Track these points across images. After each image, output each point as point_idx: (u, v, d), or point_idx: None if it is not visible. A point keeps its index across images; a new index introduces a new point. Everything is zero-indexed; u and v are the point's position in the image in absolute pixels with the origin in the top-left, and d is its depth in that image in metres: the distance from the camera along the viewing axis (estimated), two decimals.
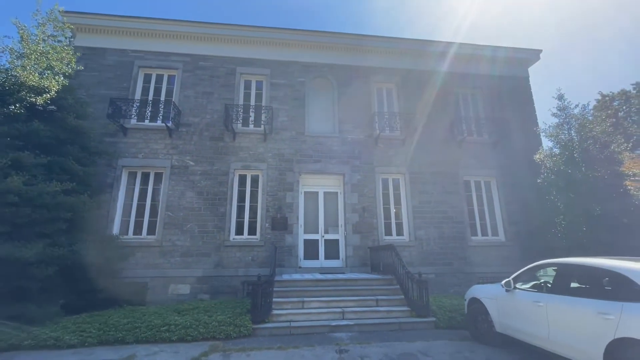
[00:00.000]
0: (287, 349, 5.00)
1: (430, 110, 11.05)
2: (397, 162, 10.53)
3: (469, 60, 11.74)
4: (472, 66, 11.76)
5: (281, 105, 10.56)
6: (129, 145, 9.58)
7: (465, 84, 11.71)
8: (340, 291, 6.98)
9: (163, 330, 5.49)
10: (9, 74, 6.48)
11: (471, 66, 11.75)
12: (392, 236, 10.04)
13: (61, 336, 5.22)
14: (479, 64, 11.82)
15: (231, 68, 10.73)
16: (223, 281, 8.93)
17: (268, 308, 6.10)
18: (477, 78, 11.73)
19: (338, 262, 9.71)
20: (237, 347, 5.07)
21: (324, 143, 10.42)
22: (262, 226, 9.51)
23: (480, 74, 11.75)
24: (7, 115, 6.20)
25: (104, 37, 10.31)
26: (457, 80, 11.62)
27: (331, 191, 10.33)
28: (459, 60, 11.69)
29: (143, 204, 9.47)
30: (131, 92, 10.09)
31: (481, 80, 11.74)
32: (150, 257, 8.87)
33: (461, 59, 11.71)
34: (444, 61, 11.59)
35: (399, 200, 10.42)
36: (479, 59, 11.83)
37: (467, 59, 11.75)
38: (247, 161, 9.96)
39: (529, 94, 11.90)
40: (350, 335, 5.72)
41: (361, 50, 11.39)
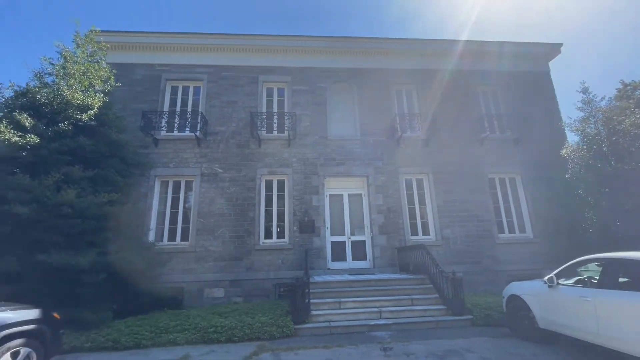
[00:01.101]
0: (331, 348, 5.17)
1: (451, 109, 11.09)
2: (420, 162, 10.61)
3: (488, 58, 11.73)
4: (492, 63, 11.74)
5: (303, 110, 10.80)
6: (160, 155, 9.98)
7: (486, 81, 11.70)
8: (374, 291, 7.12)
9: (210, 331, 5.75)
10: (56, 93, 6.90)
11: (491, 63, 11.73)
12: (418, 236, 10.11)
13: (118, 338, 5.54)
14: (499, 61, 11.78)
15: (253, 77, 11.05)
16: (255, 284, 9.18)
17: (307, 309, 6.30)
18: (497, 75, 11.71)
19: (366, 263, 9.85)
20: (283, 346, 5.27)
21: (346, 146, 10.59)
22: (290, 230, 9.74)
23: (500, 71, 11.72)
24: (57, 132, 6.61)
25: (132, 53, 10.78)
26: (477, 78, 11.63)
27: (355, 193, 10.49)
28: (478, 58, 11.70)
29: (176, 212, 9.85)
30: (160, 104, 10.51)
31: (501, 77, 11.71)
32: (185, 263, 9.21)
33: (480, 57, 11.72)
34: (462, 60, 11.62)
35: (424, 200, 10.49)
36: (498, 56, 11.80)
37: (486, 56, 11.75)
38: (272, 166, 10.23)
39: (551, 88, 11.80)
40: (389, 334, 5.85)
41: (379, 53, 11.54)
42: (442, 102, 11.15)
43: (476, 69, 11.64)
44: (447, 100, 11.19)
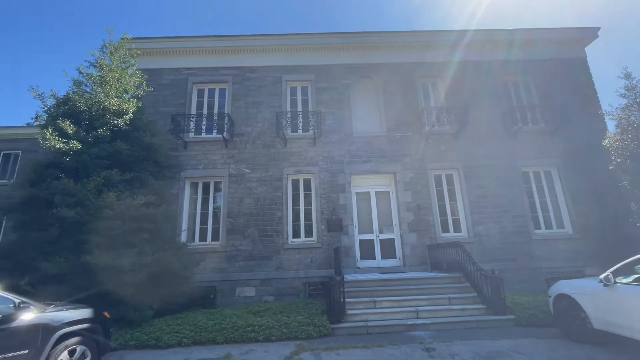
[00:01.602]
0: (372, 348, 5.09)
1: (480, 102, 10.71)
2: (449, 157, 10.32)
3: (518, 47, 11.22)
4: (522, 52, 11.23)
5: (327, 108, 10.73)
6: (189, 157, 10.19)
7: (516, 71, 11.22)
8: (409, 290, 6.98)
9: (248, 330, 5.80)
10: (94, 100, 7.15)
11: (521, 52, 11.23)
12: (450, 233, 9.85)
13: (160, 337, 5.69)
14: (530, 49, 11.26)
15: (277, 76, 11.07)
16: (285, 283, 9.23)
17: (342, 308, 6.24)
18: (528, 64, 11.20)
19: (395, 262, 9.69)
20: (322, 346, 5.24)
21: (372, 143, 10.44)
22: (318, 228, 9.72)
23: (532, 60, 11.20)
24: (96, 138, 6.85)
25: (160, 58, 11.05)
26: (507, 69, 11.17)
27: (382, 190, 10.33)
28: (507, 48, 11.22)
29: (206, 212, 10.04)
30: (187, 107, 10.73)
31: (533, 66, 11.19)
32: (216, 262, 9.37)
33: (509, 46, 11.23)
34: (490, 50, 11.20)
35: (454, 196, 10.20)
36: (529, 44, 11.27)
37: (515, 45, 11.24)
38: (298, 166, 10.23)
39: (588, 75, 11.16)
40: (428, 334, 5.71)
41: (403, 47, 11.29)
42: (470, 94, 10.78)
43: (506, 58, 11.17)
44: (476, 92, 10.81)
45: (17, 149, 12.70)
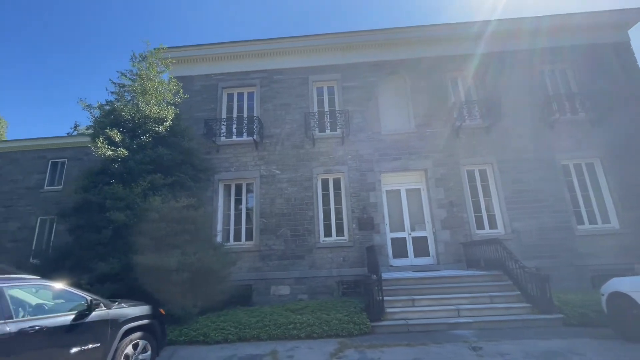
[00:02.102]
0: (415, 346, 5.08)
1: (514, 93, 10.35)
2: (482, 152, 10.04)
3: (554, 34, 10.72)
4: (558, 39, 10.73)
5: (355, 107, 10.72)
6: (221, 160, 10.51)
7: (553, 59, 10.73)
8: (447, 289, 6.88)
9: (290, 328, 5.95)
10: (136, 109, 7.55)
11: (556, 39, 10.73)
12: (485, 230, 9.60)
13: (207, 333, 5.95)
14: (565, 36, 10.74)
15: (303, 77, 11.20)
16: (319, 281, 9.34)
17: (381, 307, 6.25)
18: (565, 51, 10.69)
19: (428, 260, 9.56)
20: (365, 344, 5.29)
21: (401, 140, 10.34)
22: (349, 227, 9.76)
23: (569, 46, 10.68)
24: (140, 144, 7.23)
25: (191, 65, 11.46)
26: (542, 57, 10.70)
27: (413, 188, 10.21)
28: (542, 35, 10.74)
29: (239, 213, 10.34)
30: (218, 112, 11.07)
31: (570, 52, 10.66)
32: (251, 261, 9.63)
33: (541, 34, 10.74)
34: (521, 39, 10.78)
35: (489, 192, 9.92)
36: (563, 30, 10.76)
37: (548, 32, 10.74)
38: (327, 165, 10.30)
39: (633, 60, 10.48)
40: (472, 332, 5.62)
41: (430, 41, 11.08)
42: (503, 86, 10.44)
43: (540, 47, 10.70)
44: (509, 83, 10.45)
45: (63, 157, 13.57)
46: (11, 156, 13.70)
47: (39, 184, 13.29)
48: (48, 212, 12.89)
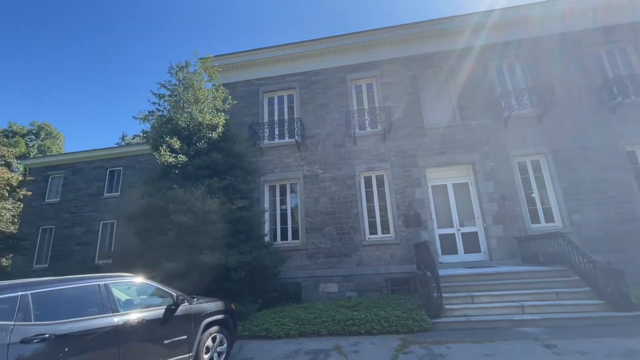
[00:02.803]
0: (482, 343, 4.98)
1: (567, 78, 9.74)
2: (534, 142, 9.55)
3: (610, 11, 9.94)
4: (616, 16, 9.94)
5: (395, 103, 10.61)
6: (266, 162, 10.84)
7: (609, 38, 9.97)
8: (507, 285, 6.65)
9: (349, 324, 6.04)
10: (191, 117, 8.01)
11: (614, 17, 9.94)
12: (541, 224, 9.14)
13: (269, 328, 6.20)
14: (625, 12, 9.92)
15: (341, 77, 11.26)
16: (366, 279, 9.36)
17: (440, 303, 6.17)
18: (623, 29, 9.89)
19: (480, 256, 9.26)
20: (429, 340, 5.26)
21: (445, 134, 10.08)
22: (395, 224, 9.68)
23: (628, 23, 9.85)
24: (196, 150, 7.67)
25: (233, 72, 11.91)
26: (597, 37, 9.98)
27: (460, 182, 9.93)
28: (597, 14, 10.01)
29: (284, 213, 10.61)
30: (260, 116, 11.43)
31: (630, 30, 9.84)
32: (298, 260, 9.85)
33: (599, 11, 10.00)
34: (576, 19, 10.09)
35: (543, 184, 9.42)
36: (622, 6, 9.93)
37: (607, 9, 9.97)
38: (370, 163, 10.29)
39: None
40: (541, 330, 5.39)
41: (470, 31, 10.66)
42: (554, 71, 9.86)
43: (595, 26, 9.99)
44: (561, 68, 9.85)
45: (119, 166, 14.68)
46: (75, 167, 15.03)
47: (100, 191, 14.47)
48: (108, 217, 14.04)
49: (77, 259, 13.65)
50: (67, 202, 14.56)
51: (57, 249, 13.92)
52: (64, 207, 14.49)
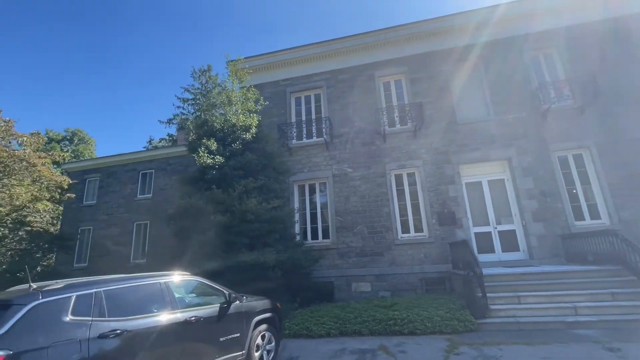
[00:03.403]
0: (535, 345, 4.78)
1: (611, 67, 9.23)
2: (576, 136, 9.10)
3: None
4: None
5: (425, 98, 10.39)
6: (294, 162, 10.88)
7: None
8: (556, 285, 6.35)
9: (390, 324, 5.95)
10: (225, 119, 8.15)
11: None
12: (585, 220, 8.70)
13: (310, 327, 6.21)
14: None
15: (369, 74, 11.14)
16: (400, 278, 9.22)
17: (485, 304, 5.98)
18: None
19: (519, 254, 8.93)
20: (477, 341, 5.10)
21: (479, 129, 9.78)
22: (428, 223, 9.49)
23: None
24: (231, 151, 7.79)
25: (260, 74, 12.03)
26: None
27: (496, 179, 9.61)
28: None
29: (314, 212, 10.62)
30: (288, 116, 11.48)
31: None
32: (330, 259, 9.83)
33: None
34: (622, 3, 9.54)
35: (587, 179, 8.96)
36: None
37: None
38: (400, 160, 10.13)
39: None
40: (598, 332, 5.11)
41: (504, 21, 10.26)
42: (597, 60, 9.36)
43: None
44: (606, 56, 9.35)
45: (150, 169, 15.18)
46: (109, 170, 15.67)
47: (133, 193, 15.01)
48: (142, 218, 14.53)
49: (113, 258, 14.21)
50: (103, 204, 15.19)
51: (95, 249, 14.55)
52: (101, 209, 15.13)
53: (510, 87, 9.85)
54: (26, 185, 7.17)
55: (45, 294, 2.73)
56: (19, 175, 7.17)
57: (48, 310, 2.66)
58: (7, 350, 2.31)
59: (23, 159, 7.16)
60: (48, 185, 7.72)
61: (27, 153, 7.22)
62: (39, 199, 7.12)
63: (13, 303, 2.56)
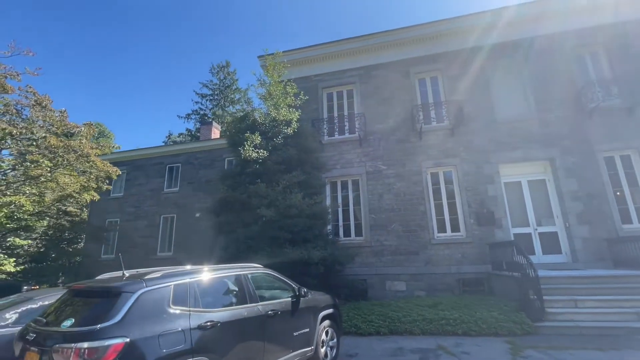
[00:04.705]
0: (606, 350, 4.61)
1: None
2: (624, 137, 8.80)
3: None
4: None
5: (463, 96, 10.16)
6: (327, 158, 10.76)
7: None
8: (613, 289, 6.14)
9: (442, 323, 5.84)
10: (266, 113, 8.10)
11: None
12: (633, 224, 8.42)
13: (358, 325, 6.15)
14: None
15: (404, 70, 10.96)
16: (436, 278, 9.07)
17: (541, 307, 5.81)
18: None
19: (561, 257, 8.69)
20: (542, 344, 4.96)
21: (520, 127, 9.53)
22: (466, 222, 9.30)
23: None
24: (274, 146, 7.74)
25: (291, 69, 11.91)
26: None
27: (536, 179, 9.37)
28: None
29: (346, 209, 10.52)
30: (320, 111, 11.38)
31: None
32: (363, 257, 9.71)
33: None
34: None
35: (635, 181, 8.67)
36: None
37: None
38: (437, 158, 9.94)
39: None
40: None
41: (548, 16, 9.98)
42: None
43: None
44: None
45: (177, 162, 15.28)
46: (136, 163, 15.82)
47: (160, 187, 15.14)
48: (168, 211, 14.65)
49: (140, 250, 14.38)
50: (130, 196, 15.37)
51: (123, 241, 14.73)
52: (127, 202, 15.31)
53: (553, 85, 9.57)
54: (75, 175, 7.23)
55: (148, 282, 2.69)
56: (73, 166, 7.23)
57: (153, 299, 2.62)
58: (124, 338, 2.28)
59: (78, 149, 7.22)
60: (97, 175, 7.78)
61: (83, 143, 7.28)
62: (87, 189, 7.19)
63: (122, 290, 2.52)
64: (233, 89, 31.22)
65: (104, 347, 2.18)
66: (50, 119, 6.91)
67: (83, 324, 2.32)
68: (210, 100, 31.33)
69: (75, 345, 2.15)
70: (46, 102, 6.96)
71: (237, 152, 7.85)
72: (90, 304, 2.56)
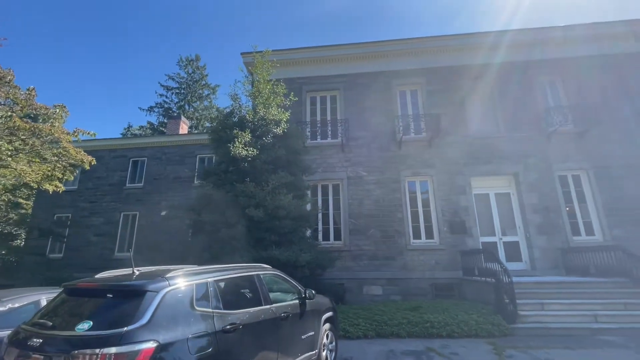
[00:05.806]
0: (576, 349, 5.10)
1: (611, 98, 10.19)
2: (575, 158, 9.91)
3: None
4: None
5: (440, 110, 10.73)
6: (310, 161, 10.67)
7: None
8: (573, 294, 6.81)
9: (427, 326, 6.06)
10: (254, 110, 7.89)
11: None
12: (581, 236, 9.46)
13: (347, 329, 6.14)
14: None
15: (386, 81, 11.35)
16: (411, 283, 9.41)
17: (514, 310, 6.27)
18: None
19: (521, 265, 9.48)
20: (520, 344, 5.34)
21: (490, 144, 10.31)
22: (439, 230, 9.80)
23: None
24: (263, 145, 7.55)
25: (276, 70, 11.78)
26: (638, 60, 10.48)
27: (502, 192, 10.18)
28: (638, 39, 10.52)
29: (326, 213, 10.55)
30: (303, 114, 11.36)
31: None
32: (342, 261, 9.75)
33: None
34: (616, 42, 10.59)
35: (583, 198, 9.77)
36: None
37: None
38: (415, 168, 10.39)
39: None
40: (621, 339, 5.56)
41: (518, 46, 10.96)
42: (599, 90, 10.30)
43: (638, 50, 10.49)
44: (606, 87, 10.31)
45: (143, 156, 14.24)
46: (95, 154, 14.38)
47: (122, 181, 13.99)
48: (130, 208, 13.58)
49: (95, 250, 13.12)
50: (86, 190, 14.00)
51: (74, 239, 13.33)
52: (82, 196, 13.92)
53: (520, 107, 10.51)
54: (37, 162, 6.33)
55: (171, 280, 2.46)
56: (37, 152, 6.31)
57: (177, 299, 2.40)
58: (155, 342, 2.05)
59: (48, 134, 6.33)
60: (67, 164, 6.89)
61: (55, 128, 6.38)
62: (51, 178, 6.31)
63: (147, 289, 2.27)
64: (202, 84, 29.97)
65: (134, 353, 1.94)
66: (13, 97, 6.01)
67: (105, 327, 2.04)
68: (177, 94, 29.79)
69: (101, 350, 1.89)
70: (10, 77, 6.06)
71: (223, 148, 7.54)
72: (108, 305, 2.26)
